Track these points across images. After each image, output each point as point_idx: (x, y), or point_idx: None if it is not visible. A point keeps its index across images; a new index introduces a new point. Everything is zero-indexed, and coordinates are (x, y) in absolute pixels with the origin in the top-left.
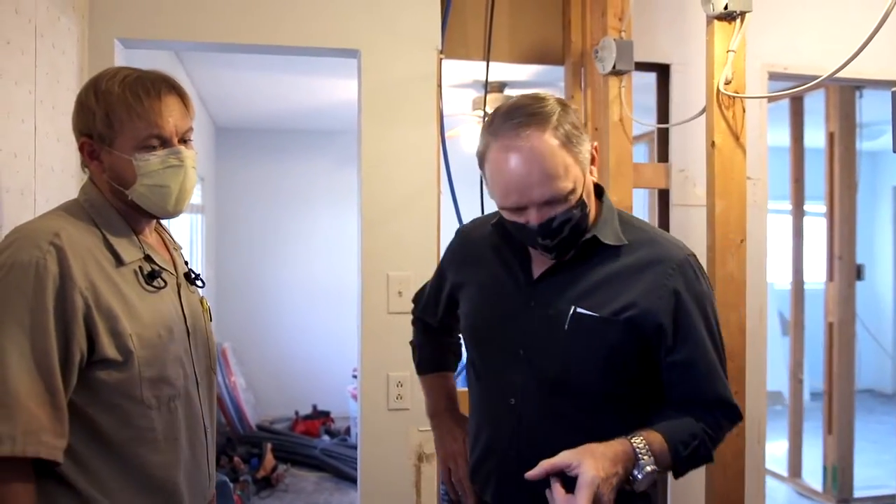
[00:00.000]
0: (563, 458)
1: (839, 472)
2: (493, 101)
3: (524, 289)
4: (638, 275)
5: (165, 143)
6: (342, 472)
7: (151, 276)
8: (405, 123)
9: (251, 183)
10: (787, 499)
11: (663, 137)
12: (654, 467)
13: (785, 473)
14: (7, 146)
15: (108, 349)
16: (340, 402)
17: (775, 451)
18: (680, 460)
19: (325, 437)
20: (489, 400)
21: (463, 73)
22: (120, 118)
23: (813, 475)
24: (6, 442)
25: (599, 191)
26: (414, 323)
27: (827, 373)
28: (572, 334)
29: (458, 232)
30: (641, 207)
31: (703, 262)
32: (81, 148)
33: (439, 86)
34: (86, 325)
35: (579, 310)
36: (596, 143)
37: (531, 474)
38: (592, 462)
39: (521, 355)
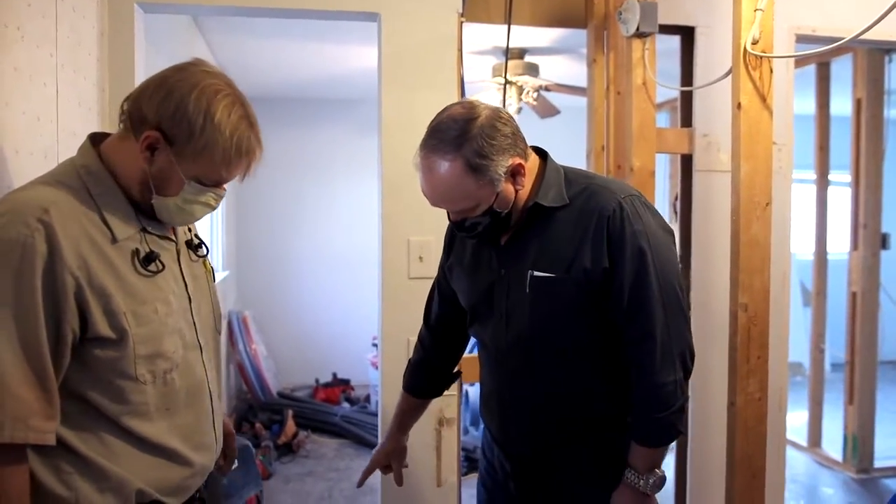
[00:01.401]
0: None
1: (859, 442)
2: (514, 68)
3: (494, 259)
4: (580, 229)
5: (217, 184)
6: (362, 438)
7: (148, 260)
8: (426, 88)
9: (270, 152)
10: (807, 468)
11: (686, 102)
12: (646, 481)
13: (804, 443)
14: (30, 109)
15: (102, 328)
16: (360, 370)
17: (794, 422)
18: (660, 445)
19: (345, 405)
20: (488, 356)
21: (483, 39)
22: (210, 154)
23: (833, 445)
24: None
25: (543, 154)
26: (419, 342)
27: (849, 342)
28: (534, 295)
29: None
30: (662, 173)
31: (727, 226)
32: (147, 136)
33: (460, 50)
34: (77, 304)
35: (535, 273)
36: (517, 160)
37: None
38: None
39: (501, 317)
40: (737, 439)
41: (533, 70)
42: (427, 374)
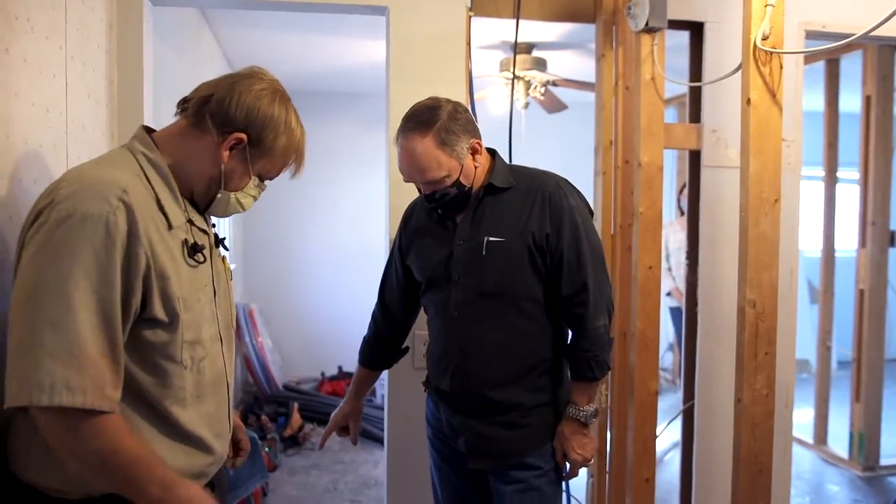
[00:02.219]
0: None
1: (866, 440)
2: (522, 63)
3: (451, 232)
4: (527, 203)
5: (271, 179)
6: (368, 432)
7: (194, 250)
8: (434, 82)
9: None
10: (812, 465)
11: (695, 98)
12: (586, 412)
13: (810, 440)
14: (39, 100)
15: (158, 310)
16: None
17: (800, 419)
18: (591, 381)
19: None
20: (440, 318)
21: (491, 33)
22: (283, 154)
23: (838, 443)
24: (79, 394)
25: (493, 152)
26: (372, 319)
27: (856, 340)
28: (489, 256)
29: (410, 204)
30: (669, 168)
31: (735, 222)
32: (235, 137)
33: (468, 44)
34: (143, 283)
35: (490, 239)
36: (476, 140)
37: None
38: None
39: (457, 278)
40: (743, 436)
41: (541, 65)
42: (380, 349)
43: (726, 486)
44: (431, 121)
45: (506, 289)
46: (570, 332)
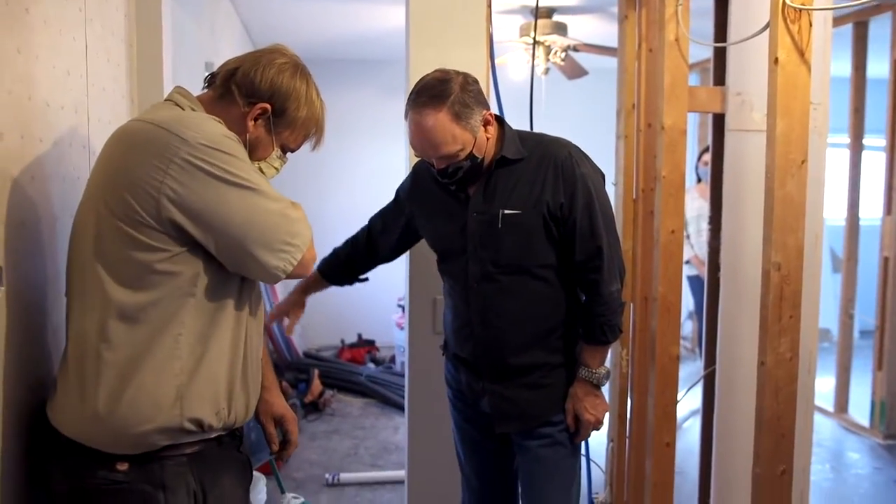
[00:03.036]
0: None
1: (888, 408)
2: (542, 27)
3: (464, 204)
4: (540, 174)
5: (292, 151)
6: (387, 398)
7: None
8: (454, 47)
9: None
10: (833, 434)
11: (719, 61)
12: (599, 374)
13: (831, 409)
14: (60, 63)
15: None
16: (385, 332)
17: (821, 388)
18: (604, 344)
19: (371, 365)
20: (458, 289)
21: None
22: (305, 125)
23: (859, 411)
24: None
25: (501, 121)
26: (351, 242)
27: (880, 308)
28: (504, 229)
29: (413, 168)
30: (691, 135)
31: (759, 187)
32: (260, 107)
33: (489, 7)
34: None
35: (506, 211)
36: (488, 112)
37: None
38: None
39: (472, 251)
40: (766, 399)
41: (561, 29)
42: (345, 270)
43: (747, 451)
44: (444, 94)
45: (523, 259)
46: (582, 297)
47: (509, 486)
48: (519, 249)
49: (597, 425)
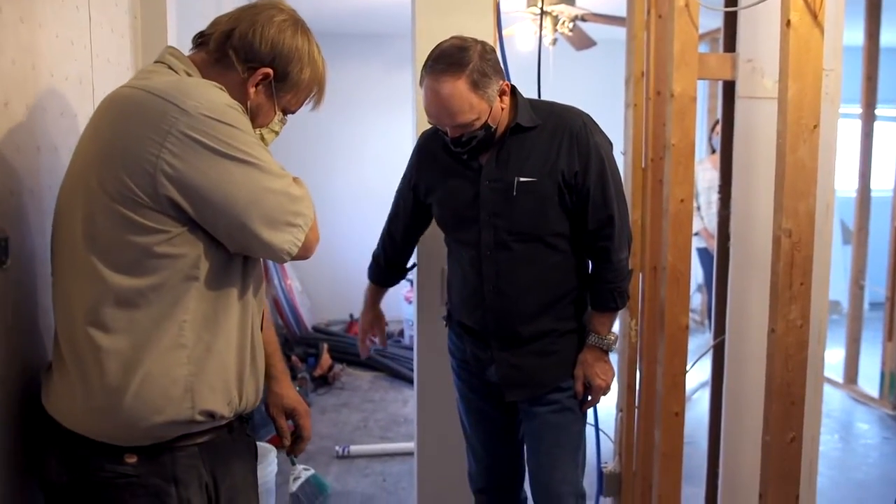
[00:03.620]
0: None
1: None
2: None
3: (476, 172)
4: (555, 142)
5: (293, 112)
6: (396, 371)
7: None
8: (461, 17)
9: None
10: (842, 404)
11: (730, 28)
12: (608, 341)
13: (840, 380)
14: (63, 33)
15: None
16: (393, 306)
17: (830, 359)
18: (613, 311)
19: None
20: (470, 257)
21: None
22: (308, 86)
23: (869, 382)
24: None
25: (514, 90)
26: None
27: (891, 279)
28: (519, 196)
29: (416, 144)
30: (701, 103)
31: (770, 155)
32: (262, 72)
33: None
34: None
35: (521, 179)
36: (504, 82)
37: None
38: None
39: (485, 219)
40: (776, 366)
41: None
42: (387, 270)
43: (756, 420)
44: (463, 62)
45: (536, 227)
46: (591, 265)
47: (515, 455)
48: (533, 217)
49: (606, 390)
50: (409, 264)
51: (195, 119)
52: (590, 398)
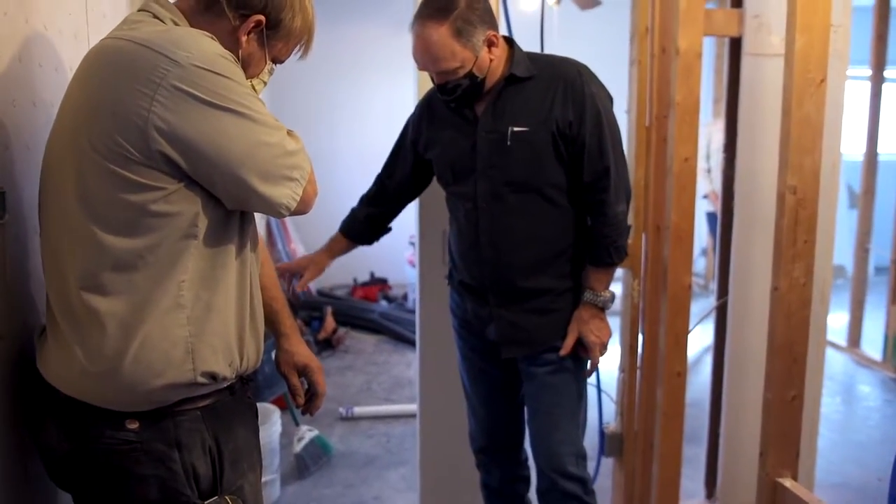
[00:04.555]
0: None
1: None
2: None
3: (474, 124)
4: (550, 92)
5: (282, 62)
6: (400, 334)
7: None
8: None
9: None
10: (845, 367)
11: None
12: (604, 298)
13: (843, 343)
14: None
15: None
16: (397, 269)
17: (834, 324)
18: (610, 266)
19: (383, 303)
20: (465, 209)
21: None
22: (298, 34)
23: (872, 345)
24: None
25: (512, 43)
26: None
27: None
28: (514, 145)
29: (424, 97)
30: (707, 62)
31: (776, 113)
32: (255, 20)
33: None
34: None
35: (515, 128)
36: (493, 32)
37: None
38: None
39: (481, 169)
40: (779, 324)
41: None
42: (368, 226)
43: (758, 381)
44: (448, 9)
45: (532, 177)
46: (589, 219)
47: (515, 414)
48: (528, 167)
49: (602, 349)
50: (387, 228)
51: (187, 70)
52: (589, 364)
